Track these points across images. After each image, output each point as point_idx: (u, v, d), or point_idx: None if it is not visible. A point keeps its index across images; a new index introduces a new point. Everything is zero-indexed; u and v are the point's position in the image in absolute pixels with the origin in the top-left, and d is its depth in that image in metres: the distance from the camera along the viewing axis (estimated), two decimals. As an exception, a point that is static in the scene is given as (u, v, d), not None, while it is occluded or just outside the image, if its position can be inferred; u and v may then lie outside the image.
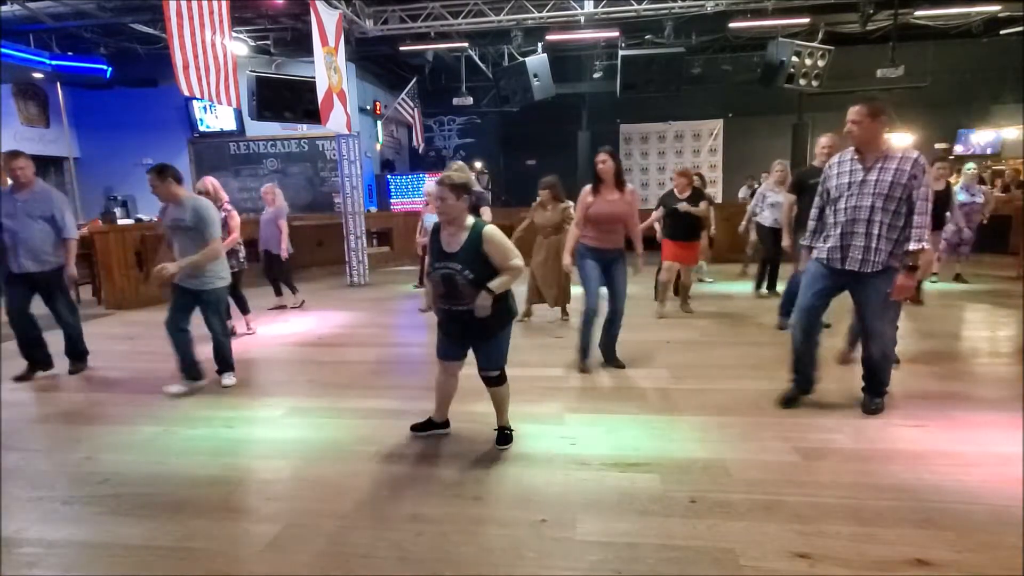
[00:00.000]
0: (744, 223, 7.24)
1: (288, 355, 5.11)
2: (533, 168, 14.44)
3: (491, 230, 2.79)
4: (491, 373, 2.99)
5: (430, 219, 5.40)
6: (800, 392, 3.53)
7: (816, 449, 2.95)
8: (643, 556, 2.14)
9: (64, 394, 4.23)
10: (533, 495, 2.59)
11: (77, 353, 4.70)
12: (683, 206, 5.65)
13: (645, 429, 3.26)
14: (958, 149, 13.03)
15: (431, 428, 3.23)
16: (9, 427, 3.55)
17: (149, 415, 3.71)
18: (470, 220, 2.82)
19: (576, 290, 5.94)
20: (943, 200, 6.04)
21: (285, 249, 6.60)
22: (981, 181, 8.56)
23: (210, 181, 5.54)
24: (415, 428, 3.25)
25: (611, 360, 4.36)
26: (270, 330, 6.03)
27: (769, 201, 6.34)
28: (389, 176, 13.20)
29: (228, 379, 4.25)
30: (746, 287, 7.20)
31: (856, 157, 3.19)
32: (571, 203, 5.84)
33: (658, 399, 3.72)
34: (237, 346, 5.43)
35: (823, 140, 4.77)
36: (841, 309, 3.71)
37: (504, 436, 3.10)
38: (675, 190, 5.83)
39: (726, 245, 8.93)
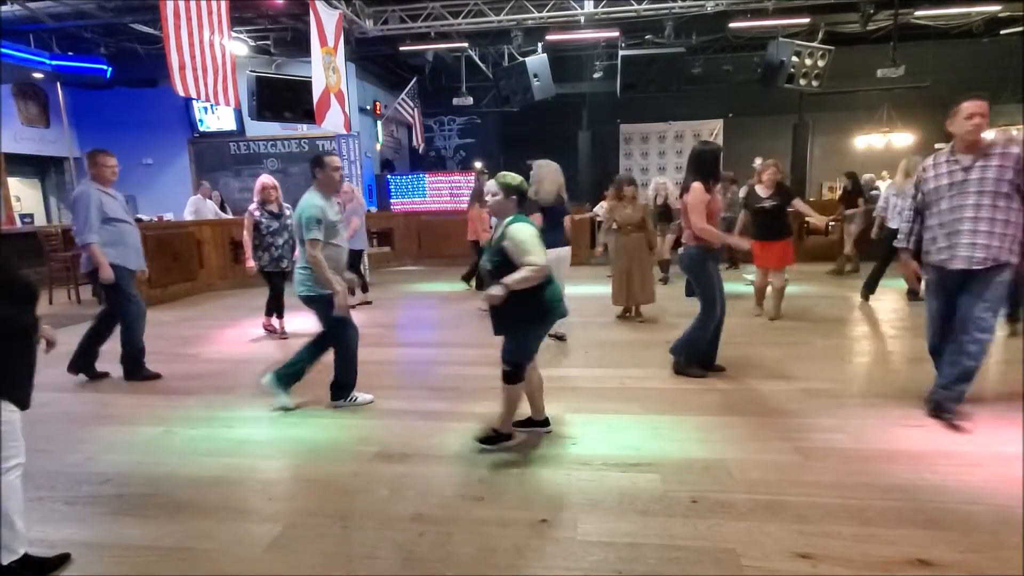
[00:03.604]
0: (876, 228, 7.03)
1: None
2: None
3: (514, 227, 2.81)
4: (503, 365, 2.94)
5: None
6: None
7: (818, 449, 2.95)
8: (644, 556, 2.14)
9: (66, 394, 4.22)
10: (535, 495, 2.59)
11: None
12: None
13: (646, 429, 3.26)
14: None
15: (529, 425, 3.22)
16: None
17: (151, 415, 3.71)
18: (510, 217, 2.88)
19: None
20: None
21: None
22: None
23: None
24: (518, 424, 3.18)
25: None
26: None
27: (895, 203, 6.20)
28: (389, 176, 13.19)
29: None
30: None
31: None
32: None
33: (659, 399, 3.71)
34: (231, 347, 5.46)
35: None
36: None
37: (488, 437, 3.05)
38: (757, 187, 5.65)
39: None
